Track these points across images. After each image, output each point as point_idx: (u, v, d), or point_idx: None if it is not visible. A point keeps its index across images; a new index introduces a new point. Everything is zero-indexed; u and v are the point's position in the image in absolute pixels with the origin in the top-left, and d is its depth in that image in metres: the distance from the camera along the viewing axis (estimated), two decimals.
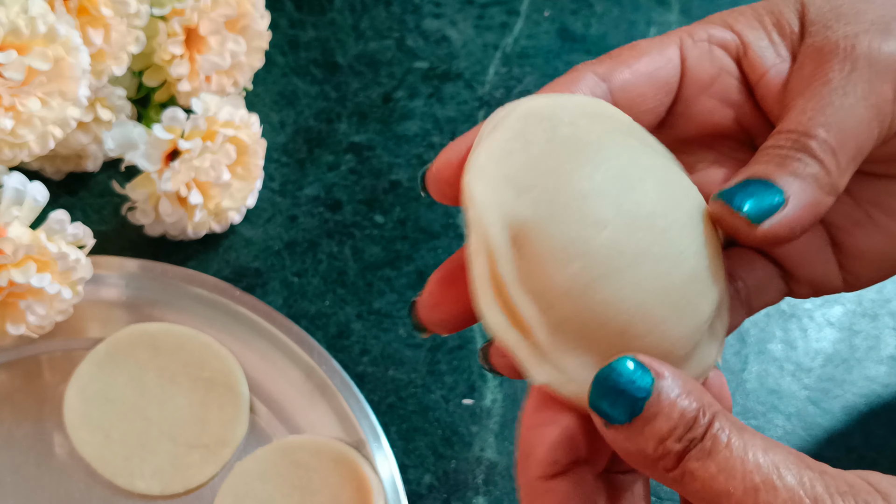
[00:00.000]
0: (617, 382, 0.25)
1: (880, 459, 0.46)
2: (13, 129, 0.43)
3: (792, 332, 0.50)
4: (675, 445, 0.25)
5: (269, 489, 0.43)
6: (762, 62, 0.32)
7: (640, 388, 0.25)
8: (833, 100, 0.30)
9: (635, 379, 0.25)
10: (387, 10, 0.62)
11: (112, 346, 0.46)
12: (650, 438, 0.25)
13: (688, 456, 0.25)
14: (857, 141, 0.30)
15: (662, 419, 0.25)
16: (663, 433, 0.25)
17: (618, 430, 0.26)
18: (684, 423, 0.25)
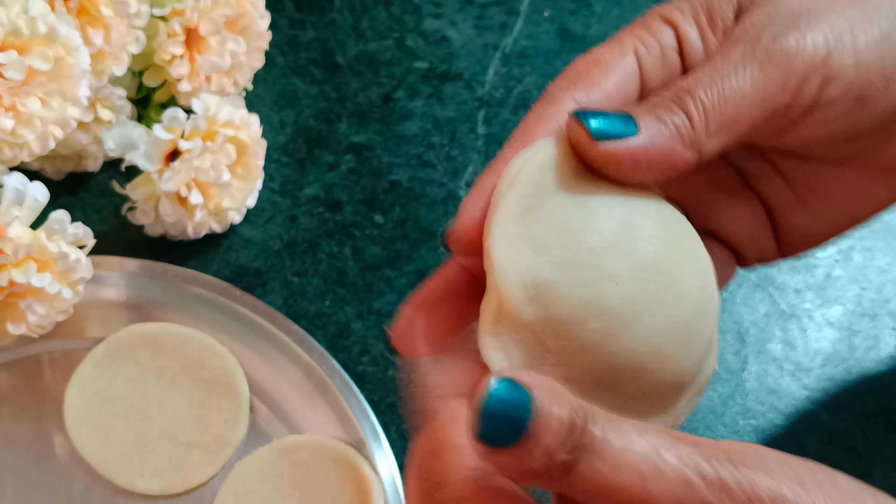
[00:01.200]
0: (500, 408, 0.25)
1: (880, 459, 0.46)
2: (13, 129, 0.43)
3: (791, 332, 0.50)
4: (564, 456, 0.25)
5: (269, 489, 0.43)
6: (694, 57, 0.34)
7: (521, 407, 0.25)
8: (723, 73, 0.31)
9: (516, 399, 0.25)
10: (387, 10, 0.62)
11: (112, 345, 0.46)
12: (538, 456, 0.25)
13: (575, 463, 0.25)
14: (735, 114, 0.31)
15: (546, 434, 0.25)
16: (549, 447, 0.25)
17: (503, 454, 0.25)
18: (565, 430, 0.25)
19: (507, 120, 0.57)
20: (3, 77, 0.42)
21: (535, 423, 0.25)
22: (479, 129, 0.57)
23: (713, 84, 0.31)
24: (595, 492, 0.25)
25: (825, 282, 0.51)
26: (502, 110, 0.58)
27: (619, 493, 0.25)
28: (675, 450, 0.25)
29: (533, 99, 0.58)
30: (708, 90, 0.31)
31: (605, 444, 0.25)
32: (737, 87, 0.31)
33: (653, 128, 0.30)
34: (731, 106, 0.31)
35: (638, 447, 0.25)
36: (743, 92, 0.31)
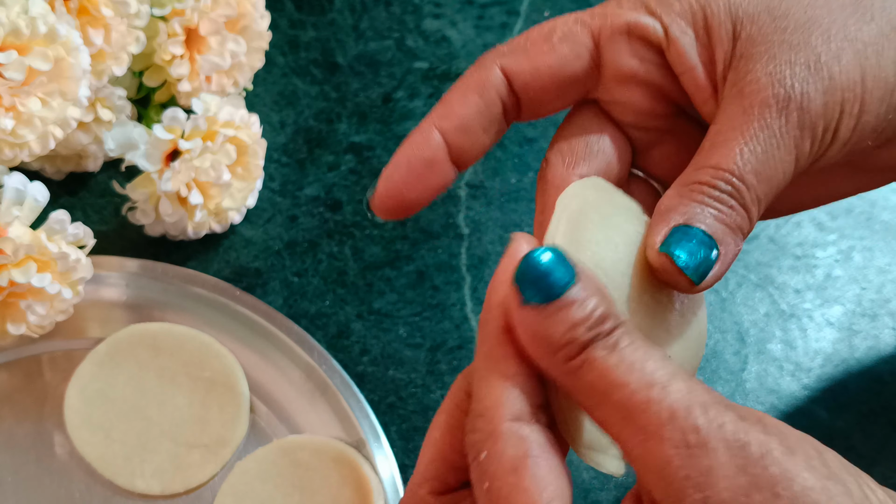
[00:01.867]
0: (543, 265, 0.26)
1: (880, 459, 0.46)
2: (14, 129, 0.43)
3: (791, 332, 0.50)
4: (583, 334, 0.26)
5: (269, 489, 0.43)
6: (687, 58, 0.34)
7: (563, 275, 0.26)
8: (768, 148, 0.31)
9: (560, 268, 0.26)
10: (387, 10, 0.62)
11: (112, 345, 0.47)
12: (561, 323, 0.26)
13: (592, 346, 0.26)
14: (777, 190, 0.32)
15: (577, 307, 0.26)
16: (574, 320, 0.26)
17: (531, 310, 0.26)
18: (595, 317, 0.26)
19: None
20: (4, 77, 0.42)
21: (571, 295, 0.26)
22: None
23: (762, 164, 0.31)
24: (598, 386, 0.26)
25: (825, 282, 0.51)
26: None
27: (620, 392, 0.26)
28: (689, 382, 0.26)
29: None
30: (757, 175, 0.31)
31: (626, 347, 0.26)
32: (780, 164, 0.32)
33: (729, 244, 0.31)
34: (776, 185, 0.32)
35: (655, 364, 0.26)
36: (784, 168, 0.32)
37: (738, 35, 0.33)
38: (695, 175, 0.32)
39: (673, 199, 0.31)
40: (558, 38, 0.34)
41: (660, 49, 0.34)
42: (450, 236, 0.53)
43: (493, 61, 0.34)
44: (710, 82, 0.34)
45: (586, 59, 0.34)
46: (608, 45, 0.34)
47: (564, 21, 0.35)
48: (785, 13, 0.32)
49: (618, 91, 0.35)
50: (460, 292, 0.51)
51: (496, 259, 0.52)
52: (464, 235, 0.53)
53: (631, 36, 0.34)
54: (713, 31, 0.33)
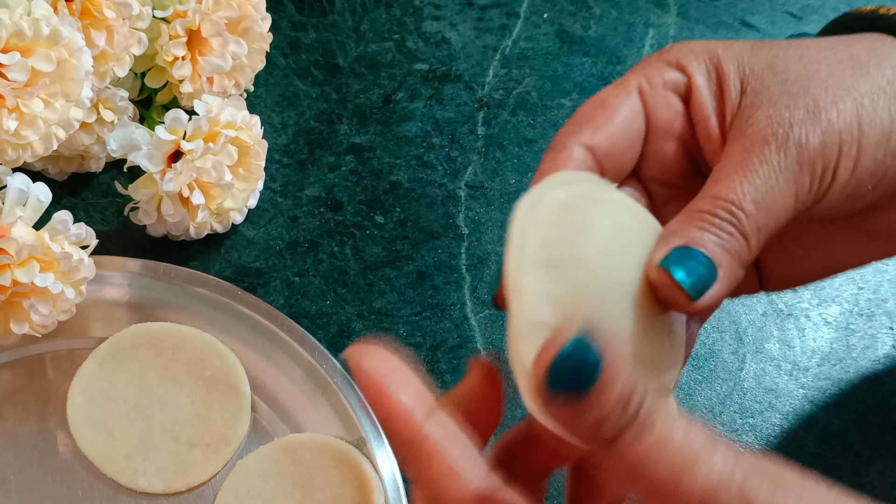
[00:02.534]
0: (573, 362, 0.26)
1: (876, 457, 0.46)
2: (17, 130, 0.43)
3: (789, 332, 0.50)
4: (612, 427, 0.26)
5: (270, 487, 0.43)
6: (704, 108, 0.36)
7: (590, 367, 0.26)
8: (767, 181, 0.33)
9: (587, 359, 0.26)
10: (387, 12, 0.62)
11: (115, 345, 0.47)
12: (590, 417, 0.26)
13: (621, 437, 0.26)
14: (777, 222, 0.33)
15: (606, 401, 0.26)
16: (603, 414, 0.26)
17: (560, 405, 0.26)
18: (622, 403, 0.26)
19: (507, 121, 0.58)
20: (7, 78, 0.42)
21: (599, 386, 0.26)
22: (478, 130, 0.57)
23: (761, 194, 0.33)
24: (629, 469, 0.26)
25: (822, 282, 0.52)
26: (502, 111, 0.58)
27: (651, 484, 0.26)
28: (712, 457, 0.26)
29: (532, 100, 0.58)
30: (757, 205, 0.32)
31: (652, 431, 0.26)
32: (780, 196, 0.33)
33: (726, 267, 0.32)
34: (775, 217, 0.33)
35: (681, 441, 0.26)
36: (784, 201, 0.33)
37: (744, 89, 0.35)
38: (696, 204, 0.33)
39: (675, 224, 0.33)
40: (613, 103, 0.36)
41: (686, 99, 0.36)
42: (450, 236, 0.53)
43: (570, 140, 0.35)
44: (720, 133, 0.35)
45: (641, 114, 0.36)
46: (650, 99, 0.36)
47: (608, 90, 0.36)
48: (785, 68, 0.35)
49: (653, 144, 0.37)
50: (460, 292, 0.51)
51: (496, 259, 0.52)
52: (464, 236, 0.53)
53: (666, 88, 0.36)
54: (724, 86, 0.35)
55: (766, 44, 0.36)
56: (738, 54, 0.36)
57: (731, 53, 0.36)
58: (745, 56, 0.36)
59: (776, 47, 0.36)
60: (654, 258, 0.31)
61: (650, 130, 0.36)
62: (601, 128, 0.35)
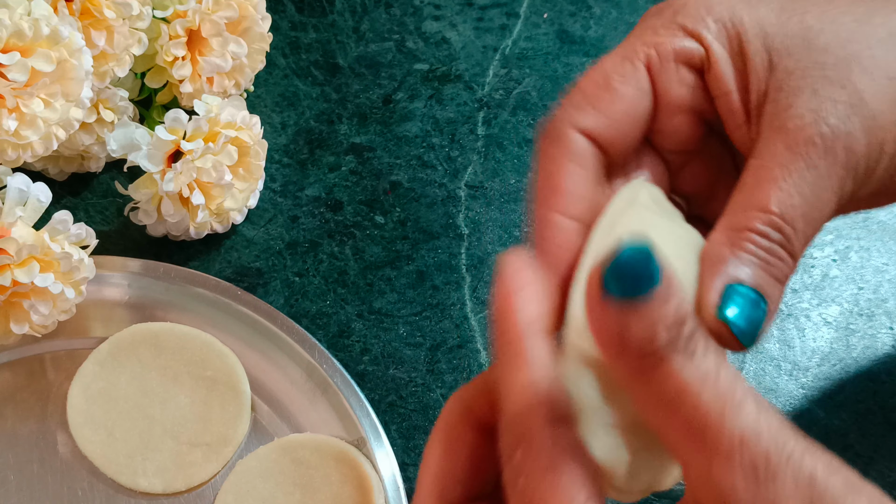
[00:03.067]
0: (637, 260, 0.25)
1: (877, 458, 0.46)
2: (17, 130, 0.43)
3: (789, 332, 0.50)
4: (662, 335, 0.25)
5: (270, 487, 0.43)
6: (725, 82, 0.33)
7: (651, 273, 0.25)
8: (815, 189, 0.31)
9: (650, 265, 0.25)
10: (387, 12, 0.62)
11: (115, 345, 0.47)
12: (641, 321, 0.25)
13: (670, 350, 0.25)
14: (818, 231, 0.31)
15: (660, 307, 0.25)
16: (656, 320, 0.25)
17: (613, 304, 0.25)
18: (677, 318, 0.25)
19: (507, 121, 0.58)
20: (7, 78, 0.42)
21: (655, 295, 0.25)
22: (478, 130, 0.57)
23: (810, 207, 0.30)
24: (668, 394, 0.25)
25: (822, 281, 0.52)
26: (502, 111, 0.58)
27: (691, 406, 0.25)
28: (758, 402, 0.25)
29: (532, 100, 0.59)
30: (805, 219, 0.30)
31: (702, 356, 0.25)
32: (825, 207, 0.31)
33: (775, 297, 0.30)
34: (819, 227, 0.31)
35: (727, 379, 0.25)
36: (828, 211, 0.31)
37: (774, 66, 0.32)
38: (744, 219, 0.31)
39: (723, 247, 0.30)
40: (617, 81, 0.33)
41: (701, 71, 0.34)
42: (450, 236, 0.53)
43: (567, 126, 0.32)
44: (743, 108, 0.33)
45: (649, 93, 0.33)
46: (660, 75, 0.33)
47: (612, 62, 0.33)
48: (824, 47, 0.32)
49: (667, 121, 0.34)
50: (460, 292, 0.51)
51: (496, 259, 0.52)
52: (464, 236, 0.53)
53: (678, 62, 0.33)
54: (748, 58, 0.33)
55: (794, 7, 0.33)
56: (762, 21, 0.32)
57: (755, 19, 0.32)
58: (771, 25, 0.32)
59: (807, 16, 0.32)
60: (708, 299, 0.29)
61: (660, 108, 0.34)
62: (604, 112, 0.32)
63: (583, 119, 0.32)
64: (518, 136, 0.57)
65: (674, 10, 0.34)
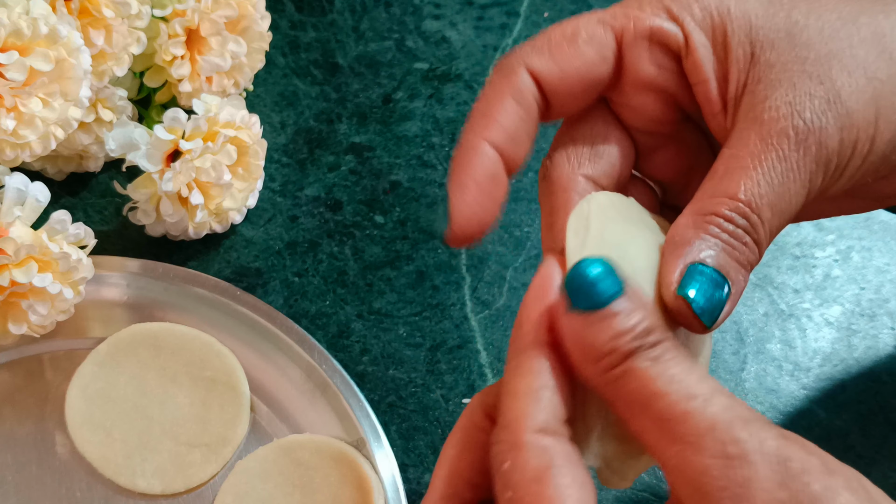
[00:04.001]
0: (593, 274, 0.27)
1: (879, 458, 0.46)
2: (15, 130, 0.43)
3: (790, 332, 0.50)
4: (627, 343, 0.26)
5: (269, 488, 0.43)
6: (703, 71, 0.33)
7: (611, 285, 0.27)
8: (784, 181, 0.31)
9: (609, 278, 0.27)
10: (387, 11, 0.62)
11: (113, 345, 0.47)
12: (605, 331, 0.26)
13: (635, 356, 0.26)
14: (786, 223, 0.32)
15: (623, 317, 0.26)
16: (619, 330, 0.26)
17: (577, 316, 0.27)
18: (640, 329, 0.26)
19: None
20: (5, 78, 0.42)
21: (617, 305, 0.26)
22: None
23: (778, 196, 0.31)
24: (638, 395, 0.26)
25: (824, 282, 0.52)
26: None
27: (660, 402, 0.26)
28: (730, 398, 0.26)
29: None
30: (772, 207, 0.31)
31: (669, 359, 0.26)
32: (794, 198, 0.31)
33: (739, 281, 0.31)
34: (787, 219, 0.32)
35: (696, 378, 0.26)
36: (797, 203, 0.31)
37: (755, 58, 0.32)
38: (710, 204, 0.31)
39: (688, 229, 0.31)
40: (583, 40, 0.33)
41: (678, 56, 0.34)
42: None
43: (520, 64, 0.33)
44: (721, 98, 0.33)
45: (611, 62, 0.34)
46: (630, 49, 0.34)
47: (587, 21, 0.34)
48: (806, 43, 0.32)
49: (633, 96, 0.35)
50: (460, 292, 0.51)
51: (496, 259, 0.52)
52: None
53: (652, 41, 0.33)
54: (730, 48, 0.33)
55: (783, 3, 0.33)
56: (749, 14, 0.33)
57: (742, 12, 0.33)
58: (758, 17, 0.33)
59: (794, 11, 0.33)
60: (669, 279, 0.30)
61: (625, 82, 0.34)
62: (558, 62, 0.33)
63: (536, 61, 0.33)
64: None
65: None
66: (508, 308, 0.50)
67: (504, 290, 0.51)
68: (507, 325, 0.50)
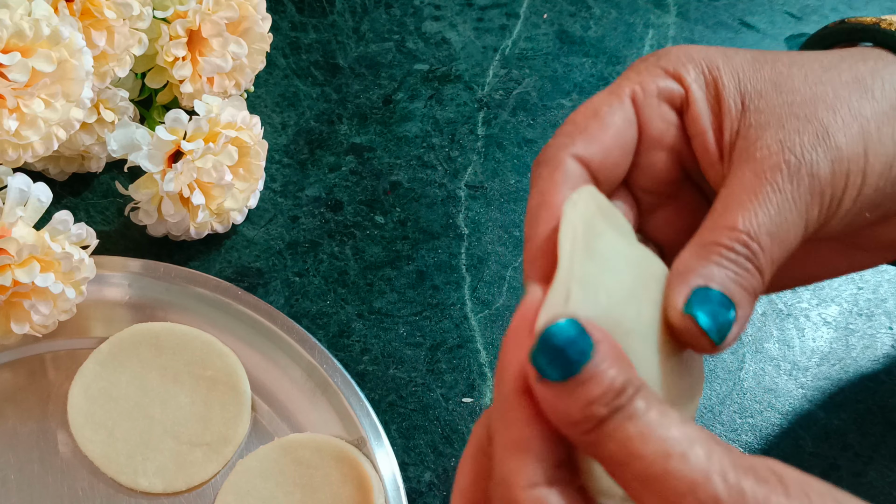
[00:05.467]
0: (560, 341, 0.27)
1: (876, 457, 0.46)
2: (17, 131, 0.43)
3: (788, 332, 0.50)
4: (601, 410, 0.26)
5: (270, 487, 0.43)
6: (701, 122, 0.35)
7: (580, 348, 0.27)
8: (781, 211, 0.32)
9: (577, 341, 0.27)
10: (387, 12, 0.62)
11: (115, 345, 0.47)
12: (579, 400, 0.26)
13: (610, 419, 0.26)
14: (787, 253, 0.33)
15: (594, 384, 0.26)
16: (592, 397, 0.26)
17: (550, 387, 0.27)
18: (613, 391, 0.26)
19: (507, 121, 0.58)
20: (7, 79, 0.42)
21: (588, 370, 0.26)
22: (478, 130, 0.57)
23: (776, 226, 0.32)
24: (617, 455, 0.26)
25: (822, 282, 0.52)
26: (502, 112, 0.58)
27: (639, 463, 0.26)
28: (707, 446, 0.26)
29: (532, 101, 0.59)
30: (772, 237, 0.32)
31: (643, 416, 0.26)
32: (792, 228, 0.32)
33: (745, 306, 0.31)
34: (787, 249, 0.32)
35: (673, 432, 0.26)
36: (795, 233, 0.32)
37: (746, 107, 0.34)
38: (711, 235, 0.32)
39: (691, 259, 0.31)
40: (606, 112, 0.34)
41: (681, 111, 0.35)
42: (450, 236, 0.53)
43: (563, 153, 0.34)
44: (717, 147, 0.34)
45: (635, 124, 0.35)
46: (643, 109, 0.35)
47: (600, 98, 0.35)
48: (791, 89, 0.34)
49: (645, 154, 0.36)
50: (460, 292, 0.51)
51: (496, 259, 0.52)
52: (464, 235, 0.53)
53: (661, 98, 0.35)
54: (723, 100, 0.34)
55: (766, 58, 0.35)
56: (737, 68, 0.35)
57: (731, 67, 0.35)
58: (745, 71, 0.35)
59: (778, 63, 0.35)
60: (675, 301, 0.30)
61: (642, 141, 0.35)
62: (594, 139, 0.34)
63: (575, 146, 0.34)
64: (518, 136, 0.57)
65: (657, 57, 0.36)
66: (508, 308, 0.51)
67: (504, 290, 0.51)
68: (506, 324, 0.50)
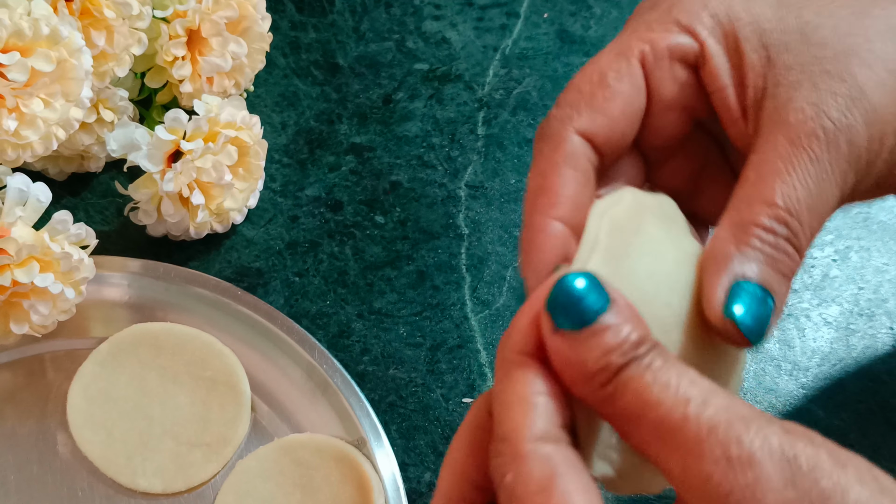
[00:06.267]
0: (577, 291, 0.26)
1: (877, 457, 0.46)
2: (17, 130, 0.43)
3: (789, 332, 0.50)
4: (617, 359, 0.26)
5: (270, 487, 0.43)
6: (720, 78, 0.33)
7: (595, 301, 0.26)
8: (819, 182, 0.30)
9: (594, 293, 0.26)
10: (387, 12, 0.62)
11: (115, 345, 0.47)
12: (593, 349, 0.26)
13: (625, 369, 0.26)
14: (823, 224, 0.31)
15: (610, 333, 0.26)
16: (607, 346, 0.26)
17: (563, 336, 0.26)
18: (630, 342, 0.26)
19: (507, 121, 0.58)
20: (7, 78, 0.42)
21: (603, 321, 0.26)
22: (479, 129, 0.57)
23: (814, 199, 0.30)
24: (633, 407, 0.25)
25: (822, 282, 0.52)
26: (502, 111, 0.58)
27: (655, 412, 0.25)
28: (728, 397, 0.25)
29: (532, 100, 0.58)
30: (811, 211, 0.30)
31: (660, 367, 0.25)
32: (829, 196, 0.31)
33: (781, 293, 0.30)
34: (824, 220, 0.31)
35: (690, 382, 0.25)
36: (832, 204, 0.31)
37: (771, 61, 0.32)
38: (749, 212, 0.30)
39: (728, 244, 0.30)
40: (613, 78, 0.33)
41: (695, 67, 0.33)
42: (450, 236, 0.53)
43: (566, 128, 0.32)
44: (739, 104, 0.33)
45: (644, 90, 0.33)
46: (653, 72, 0.33)
47: (607, 59, 0.33)
48: (821, 41, 0.32)
49: (658, 117, 0.34)
50: (460, 292, 0.51)
51: (496, 259, 0.52)
52: (464, 235, 0.53)
53: (672, 59, 0.33)
54: (743, 54, 0.32)
55: (791, 4, 0.32)
56: (758, 17, 0.32)
57: (751, 16, 0.32)
58: (768, 21, 0.32)
59: (804, 10, 0.32)
60: (713, 299, 0.29)
61: (652, 105, 0.33)
62: (600, 110, 0.32)
63: (579, 119, 0.32)
64: (518, 136, 0.57)
65: (669, 4, 0.34)
66: (508, 308, 0.51)
67: (504, 290, 0.51)
68: (506, 325, 0.50)
